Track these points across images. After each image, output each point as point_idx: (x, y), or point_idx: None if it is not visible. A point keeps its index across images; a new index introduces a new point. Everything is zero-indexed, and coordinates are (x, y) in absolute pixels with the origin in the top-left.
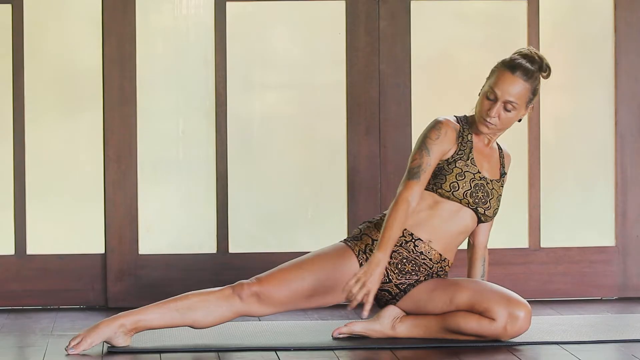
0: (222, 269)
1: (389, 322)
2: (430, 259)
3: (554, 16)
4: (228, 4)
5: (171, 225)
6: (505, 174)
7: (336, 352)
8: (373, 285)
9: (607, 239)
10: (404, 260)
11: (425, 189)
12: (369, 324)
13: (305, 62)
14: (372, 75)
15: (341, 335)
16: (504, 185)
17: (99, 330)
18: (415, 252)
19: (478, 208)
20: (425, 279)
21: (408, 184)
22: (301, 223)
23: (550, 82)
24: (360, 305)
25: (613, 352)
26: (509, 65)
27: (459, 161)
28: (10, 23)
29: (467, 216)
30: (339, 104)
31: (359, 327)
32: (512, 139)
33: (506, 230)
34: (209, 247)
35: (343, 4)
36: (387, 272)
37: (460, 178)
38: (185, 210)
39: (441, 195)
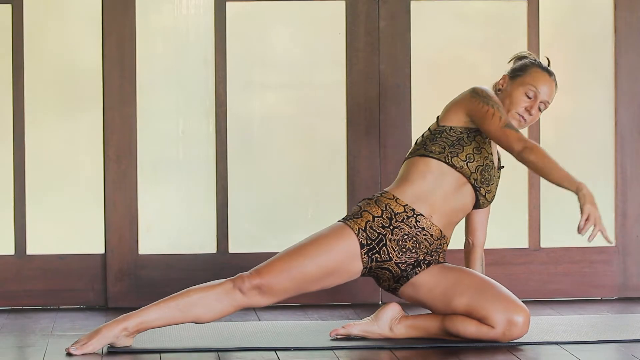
0: (222, 269)
1: (387, 324)
2: (431, 235)
3: (554, 16)
4: (228, 4)
5: (171, 225)
6: (502, 167)
7: (336, 352)
8: (599, 213)
9: None
10: (405, 237)
11: (435, 157)
12: (367, 327)
13: (305, 62)
14: (372, 75)
15: (339, 336)
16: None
17: (101, 335)
18: (417, 227)
19: (481, 188)
20: (424, 259)
21: (522, 135)
22: (301, 223)
23: None
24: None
25: (613, 352)
26: (543, 68)
27: (479, 136)
28: (10, 23)
29: (467, 194)
30: (339, 104)
31: (356, 329)
32: None
33: (506, 230)
34: (209, 247)
35: (343, 4)
36: (388, 250)
37: (477, 152)
38: (185, 210)
39: (452, 165)
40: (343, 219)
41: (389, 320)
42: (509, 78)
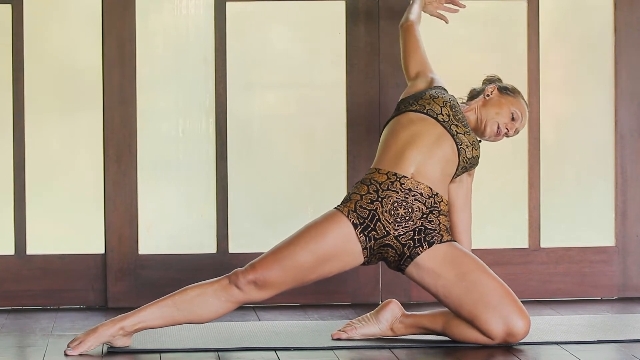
0: (222, 269)
1: (388, 325)
2: (421, 194)
3: (554, 16)
4: (228, 4)
5: (171, 225)
6: (480, 140)
7: (336, 352)
8: None
9: (607, 238)
10: (395, 204)
11: (404, 111)
12: (368, 330)
13: (305, 62)
14: (372, 75)
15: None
16: (479, 150)
17: (98, 333)
18: (403, 190)
19: (458, 134)
20: (422, 226)
21: None
22: (301, 223)
23: (550, 82)
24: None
25: (613, 352)
26: (521, 96)
27: (439, 90)
28: (10, 23)
29: (447, 145)
30: (339, 104)
31: (358, 334)
32: (512, 138)
33: (506, 230)
34: (209, 247)
35: (343, 4)
36: (383, 224)
37: (441, 93)
38: (185, 210)
39: (419, 110)
40: (336, 206)
41: (389, 321)
42: (498, 90)
